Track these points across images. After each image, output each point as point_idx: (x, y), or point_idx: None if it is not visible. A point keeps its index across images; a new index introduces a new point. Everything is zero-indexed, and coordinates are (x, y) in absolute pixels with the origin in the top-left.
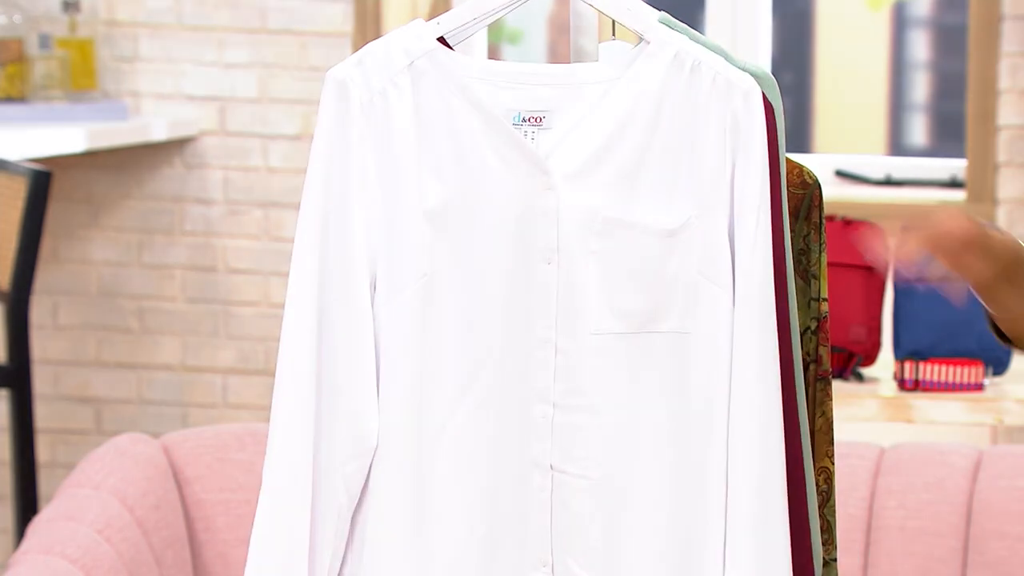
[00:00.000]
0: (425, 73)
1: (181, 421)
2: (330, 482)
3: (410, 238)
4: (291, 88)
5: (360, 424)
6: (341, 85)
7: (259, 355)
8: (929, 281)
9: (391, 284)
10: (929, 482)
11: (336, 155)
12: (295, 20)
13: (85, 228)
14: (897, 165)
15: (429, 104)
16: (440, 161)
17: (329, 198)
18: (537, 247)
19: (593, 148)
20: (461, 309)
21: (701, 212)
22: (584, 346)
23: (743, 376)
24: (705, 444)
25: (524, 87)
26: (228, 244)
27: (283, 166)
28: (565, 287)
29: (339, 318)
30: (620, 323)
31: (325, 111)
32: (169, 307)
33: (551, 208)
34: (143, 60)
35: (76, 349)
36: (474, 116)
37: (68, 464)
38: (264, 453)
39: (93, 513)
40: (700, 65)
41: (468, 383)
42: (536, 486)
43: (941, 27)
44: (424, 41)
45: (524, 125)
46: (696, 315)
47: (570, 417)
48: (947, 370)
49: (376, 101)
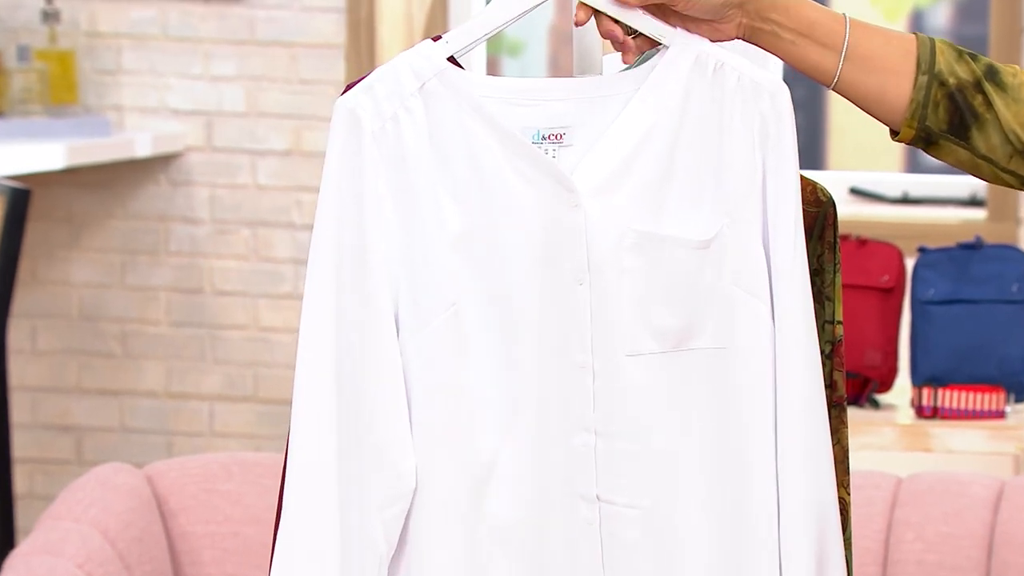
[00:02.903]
0: (437, 95)
1: (166, 450)
2: (369, 531)
3: (433, 267)
4: (281, 102)
5: (397, 465)
6: (351, 113)
7: (247, 381)
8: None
9: (416, 316)
10: (948, 514)
11: (349, 187)
12: (285, 31)
13: (65, 248)
14: (914, 182)
15: (443, 127)
16: (459, 185)
17: (343, 232)
18: (567, 268)
19: (618, 161)
20: (493, 338)
21: (732, 221)
22: (621, 368)
23: (790, 391)
24: (751, 461)
25: (541, 103)
26: (215, 265)
27: (272, 183)
28: (599, 308)
29: (363, 355)
30: (657, 342)
31: (335, 142)
32: (153, 331)
33: (579, 226)
34: (126, 73)
35: (56, 375)
36: (491, 136)
37: (47, 496)
38: (252, 483)
39: (73, 547)
40: (723, 67)
41: (511, 416)
42: (584, 519)
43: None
44: (434, 61)
45: (544, 143)
46: (733, 329)
47: (612, 444)
48: (967, 397)
49: (388, 127)
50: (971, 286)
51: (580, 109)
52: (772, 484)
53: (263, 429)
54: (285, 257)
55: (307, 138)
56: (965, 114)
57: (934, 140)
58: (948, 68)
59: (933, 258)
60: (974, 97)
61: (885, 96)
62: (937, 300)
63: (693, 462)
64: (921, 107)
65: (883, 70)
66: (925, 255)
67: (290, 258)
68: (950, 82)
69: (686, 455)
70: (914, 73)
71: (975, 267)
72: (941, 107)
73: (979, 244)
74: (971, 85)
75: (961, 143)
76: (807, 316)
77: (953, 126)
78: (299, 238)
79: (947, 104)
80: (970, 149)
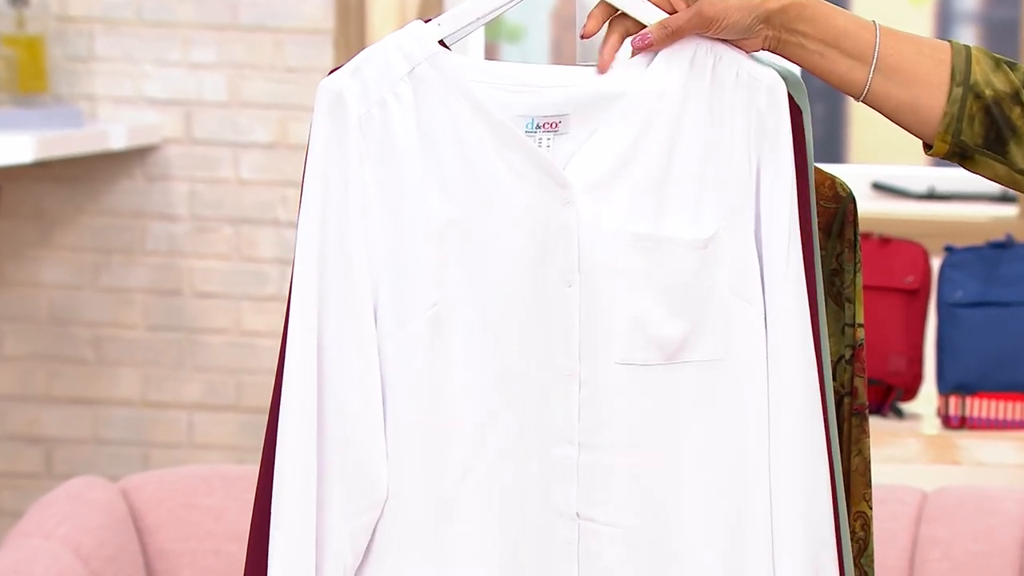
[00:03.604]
0: (427, 80)
1: (142, 463)
2: (335, 540)
3: (417, 263)
4: (265, 91)
5: (370, 473)
6: (337, 97)
7: (229, 389)
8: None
9: (397, 315)
10: (977, 530)
11: (333, 175)
12: (269, 16)
13: (34, 247)
14: (941, 177)
15: (433, 114)
16: (447, 177)
17: (327, 222)
18: (556, 268)
19: (614, 156)
20: (474, 341)
21: (728, 223)
22: (610, 377)
23: (780, 405)
24: (749, 478)
25: (537, 90)
26: (195, 265)
27: (256, 178)
28: (588, 312)
29: (342, 355)
30: (650, 350)
31: (319, 127)
32: (128, 335)
33: (571, 224)
34: (100, 60)
35: (24, 382)
36: (482, 125)
37: (15, 512)
38: (234, 498)
39: (43, 566)
40: (721, 60)
41: (486, 425)
42: (561, 538)
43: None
44: (425, 44)
45: (539, 132)
46: (729, 339)
47: (596, 457)
48: (997, 406)
49: (375, 113)
50: (1001, 287)
51: (576, 97)
52: (767, 503)
53: (246, 440)
54: (269, 257)
55: (293, 130)
56: (1002, 128)
57: (969, 155)
58: (984, 79)
59: (961, 258)
60: (1012, 109)
61: (917, 109)
62: (965, 302)
63: (683, 478)
64: (955, 121)
65: (915, 81)
66: (952, 255)
67: (275, 258)
68: (986, 94)
69: (677, 471)
70: (948, 84)
71: (1005, 267)
72: (977, 120)
73: (1010, 243)
74: (1009, 97)
75: (998, 158)
76: (802, 322)
77: (989, 140)
78: (284, 236)
79: (983, 117)
80: (1008, 164)
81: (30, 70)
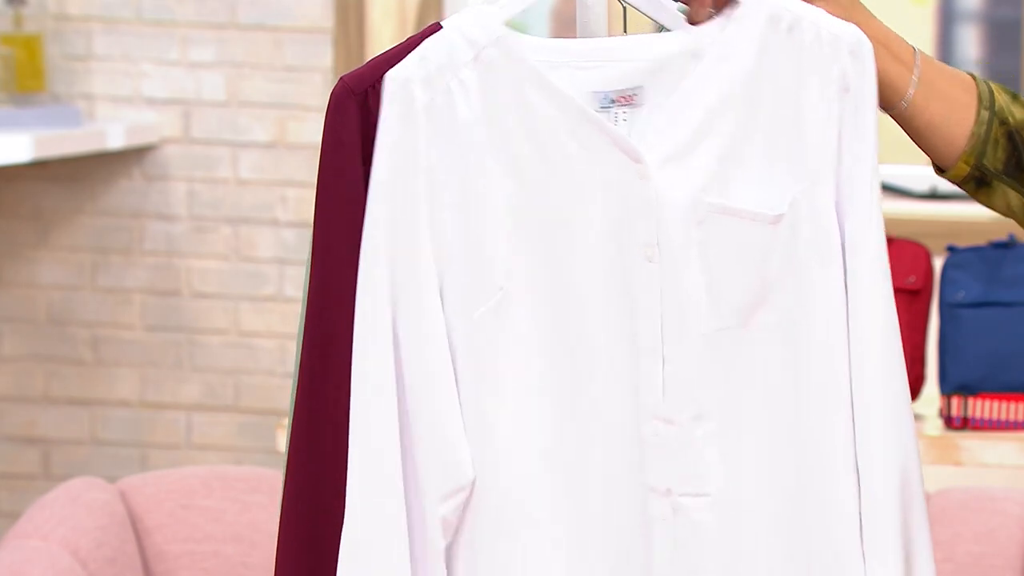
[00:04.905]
0: (493, 64)
1: (140, 464)
2: (428, 528)
3: (490, 247)
4: (264, 90)
5: (455, 456)
6: (404, 86)
7: (227, 390)
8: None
9: (469, 297)
10: (980, 533)
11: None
12: (269, 14)
13: (32, 247)
14: None
15: (500, 99)
16: (517, 160)
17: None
18: (635, 243)
19: (690, 128)
20: (553, 321)
21: (807, 187)
22: (693, 349)
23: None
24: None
25: (606, 64)
26: (193, 265)
27: (255, 178)
28: (670, 286)
29: (415, 340)
30: (730, 319)
31: (387, 116)
32: (126, 336)
33: (649, 198)
34: (97, 59)
35: (21, 383)
36: (552, 105)
37: (13, 513)
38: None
39: (40, 568)
40: (800, 21)
41: (570, 406)
42: (656, 515)
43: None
44: (489, 29)
45: (614, 107)
46: (806, 302)
47: (683, 431)
48: (1000, 406)
49: (439, 100)
50: (1004, 288)
51: (647, 68)
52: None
53: (244, 441)
54: (268, 257)
55: (292, 129)
56: (1023, 156)
57: (988, 180)
58: (1006, 107)
59: (963, 258)
60: None
61: (948, 125)
62: (967, 303)
63: (766, 442)
64: (981, 142)
65: (948, 98)
66: (954, 255)
67: (274, 258)
68: (1010, 121)
69: (761, 435)
70: (976, 106)
71: (1008, 268)
72: (1000, 146)
73: (1012, 243)
74: None
75: (1015, 185)
76: (885, 282)
77: (1010, 167)
78: (283, 236)
79: (1006, 143)
80: (1022, 193)
81: (28, 69)
